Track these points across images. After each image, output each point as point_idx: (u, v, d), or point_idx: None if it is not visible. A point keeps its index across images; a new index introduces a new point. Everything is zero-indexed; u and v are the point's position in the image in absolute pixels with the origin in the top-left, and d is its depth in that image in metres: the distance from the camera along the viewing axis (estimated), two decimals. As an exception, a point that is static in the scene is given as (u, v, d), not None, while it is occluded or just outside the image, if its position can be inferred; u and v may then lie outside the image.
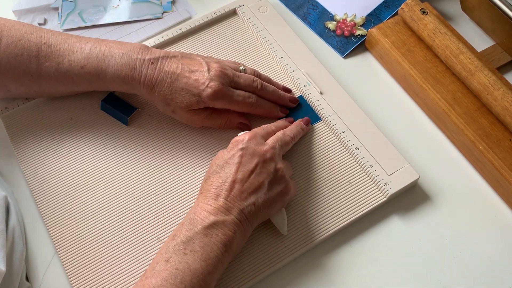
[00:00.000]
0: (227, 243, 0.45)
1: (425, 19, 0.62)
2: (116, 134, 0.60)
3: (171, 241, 0.45)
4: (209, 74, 0.54)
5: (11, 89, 0.58)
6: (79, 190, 0.56)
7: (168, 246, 0.45)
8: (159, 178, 0.57)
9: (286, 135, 0.54)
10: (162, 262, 0.44)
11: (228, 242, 0.45)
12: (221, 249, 0.45)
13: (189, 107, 0.55)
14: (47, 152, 0.59)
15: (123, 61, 0.55)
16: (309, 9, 0.71)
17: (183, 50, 0.66)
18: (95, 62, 0.55)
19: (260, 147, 0.50)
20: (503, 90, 0.56)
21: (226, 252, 0.45)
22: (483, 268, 0.52)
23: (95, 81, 0.56)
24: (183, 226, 0.46)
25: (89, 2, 0.72)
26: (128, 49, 0.55)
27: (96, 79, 0.56)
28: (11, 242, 0.51)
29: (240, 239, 0.47)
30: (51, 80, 0.56)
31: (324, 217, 0.54)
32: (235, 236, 0.46)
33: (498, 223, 0.55)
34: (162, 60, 0.55)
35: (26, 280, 0.52)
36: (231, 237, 0.46)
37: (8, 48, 0.55)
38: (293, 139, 0.55)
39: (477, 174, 0.58)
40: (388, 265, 0.52)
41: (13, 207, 0.54)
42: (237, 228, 0.46)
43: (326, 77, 0.63)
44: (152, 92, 0.55)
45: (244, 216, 0.47)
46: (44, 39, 0.56)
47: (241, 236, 0.47)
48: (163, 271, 0.43)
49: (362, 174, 0.56)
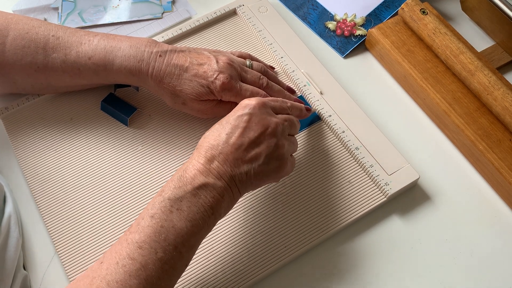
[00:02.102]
0: (215, 206, 0.45)
1: (425, 19, 0.62)
2: (116, 134, 0.60)
3: (159, 196, 0.44)
4: (218, 66, 0.54)
5: (18, 81, 0.58)
6: (79, 190, 0.56)
7: (154, 202, 0.44)
8: (159, 178, 0.57)
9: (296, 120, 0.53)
10: (147, 218, 0.43)
11: (215, 205, 0.45)
12: (208, 211, 0.44)
13: (199, 98, 0.55)
14: (47, 152, 0.59)
15: (130, 53, 0.55)
16: (309, 9, 0.71)
17: (183, 50, 0.66)
18: (103, 53, 0.55)
19: (268, 118, 0.48)
20: (503, 90, 0.56)
21: (212, 215, 0.45)
22: (483, 268, 0.52)
23: (101, 73, 0.56)
24: (171, 182, 0.45)
25: (89, 2, 0.72)
26: (136, 42, 0.55)
27: (103, 70, 0.56)
28: (7, 229, 0.51)
29: (228, 204, 0.46)
30: (58, 72, 0.56)
31: (324, 217, 0.54)
32: (223, 200, 0.45)
33: (498, 223, 0.55)
34: (170, 53, 0.55)
35: (23, 269, 0.52)
36: (219, 201, 0.45)
37: (15, 41, 0.55)
38: None
39: (477, 174, 0.58)
40: (388, 265, 0.52)
41: (9, 195, 0.55)
42: (226, 193, 0.45)
43: (326, 77, 0.63)
44: (160, 84, 0.55)
45: (234, 183, 0.46)
46: (52, 32, 0.56)
47: (229, 201, 0.46)
48: (147, 227, 0.42)
49: (362, 174, 0.56)
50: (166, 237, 0.42)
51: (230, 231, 0.53)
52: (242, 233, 0.53)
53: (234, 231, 0.53)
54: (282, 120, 0.49)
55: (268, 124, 0.48)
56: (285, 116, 0.50)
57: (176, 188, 0.44)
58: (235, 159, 0.46)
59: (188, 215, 0.43)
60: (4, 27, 0.55)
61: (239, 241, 0.53)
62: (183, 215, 0.43)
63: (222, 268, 0.51)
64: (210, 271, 0.51)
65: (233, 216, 0.54)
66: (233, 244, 0.53)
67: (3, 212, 0.52)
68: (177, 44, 0.67)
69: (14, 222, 0.53)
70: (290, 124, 0.51)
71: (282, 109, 0.51)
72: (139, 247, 0.41)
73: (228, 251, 0.52)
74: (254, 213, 0.54)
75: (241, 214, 0.54)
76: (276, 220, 0.54)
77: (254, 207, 0.55)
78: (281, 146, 0.48)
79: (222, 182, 0.45)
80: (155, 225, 0.42)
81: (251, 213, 0.54)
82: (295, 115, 0.54)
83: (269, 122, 0.48)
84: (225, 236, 0.53)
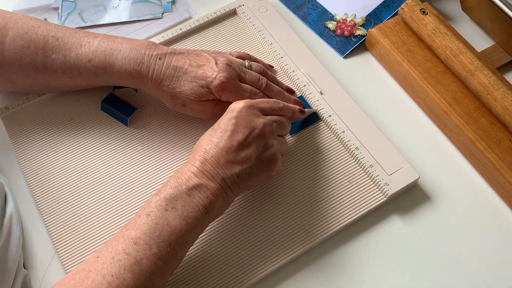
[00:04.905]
0: (208, 205, 0.46)
1: (425, 19, 0.62)
2: (116, 134, 0.60)
3: (155, 196, 0.46)
4: (217, 66, 0.55)
5: (16, 81, 0.58)
6: (79, 190, 0.56)
7: (151, 201, 0.46)
8: (159, 178, 0.57)
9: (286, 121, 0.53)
10: (143, 216, 0.45)
11: (209, 205, 0.46)
12: (201, 210, 0.46)
13: (199, 98, 0.55)
14: (47, 152, 0.59)
15: (131, 56, 0.55)
16: (309, 9, 0.71)
17: (183, 50, 0.66)
18: (103, 55, 0.55)
19: (255, 119, 0.49)
20: (503, 90, 0.56)
21: (206, 214, 0.46)
22: (483, 268, 0.52)
23: (101, 75, 0.56)
24: (168, 183, 0.47)
25: (89, 2, 0.72)
26: (136, 44, 0.56)
27: (103, 72, 0.56)
28: (9, 228, 0.51)
29: (222, 204, 0.48)
30: (57, 73, 0.56)
31: (324, 217, 0.54)
32: (216, 200, 0.47)
33: (498, 223, 0.55)
34: (170, 55, 0.55)
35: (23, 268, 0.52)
36: (212, 201, 0.46)
37: (14, 41, 0.55)
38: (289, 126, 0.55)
39: (477, 174, 0.58)
40: (388, 265, 0.52)
41: (10, 194, 0.55)
42: (219, 194, 0.47)
43: (326, 77, 0.63)
44: (160, 87, 0.55)
45: (226, 184, 0.47)
46: (51, 32, 0.56)
47: (223, 201, 0.48)
48: (143, 224, 0.44)
49: (362, 174, 0.56)
50: (161, 234, 0.44)
51: (230, 231, 0.53)
52: (242, 233, 0.53)
53: (234, 230, 0.53)
54: (270, 121, 0.50)
55: (255, 125, 0.49)
56: (274, 117, 0.51)
57: (172, 188, 0.46)
58: (226, 161, 0.47)
59: (183, 214, 0.45)
60: (2, 26, 0.55)
61: (239, 240, 0.53)
62: (177, 214, 0.45)
63: (222, 267, 0.51)
64: (210, 270, 0.51)
65: (233, 216, 0.54)
66: (233, 243, 0.53)
67: (5, 211, 0.52)
68: (177, 44, 0.67)
69: (16, 221, 0.53)
70: (279, 125, 0.52)
71: (272, 110, 0.52)
72: (135, 243, 0.43)
73: (228, 251, 0.52)
74: (254, 213, 0.54)
75: (241, 214, 0.54)
76: (275, 220, 0.54)
77: (254, 207, 0.55)
78: (270, 146, 0.49)
79: (215, 183, 0.47)
80: (151, 222, 0.44)
81: (250, 213, 0.54)
82: (288, 116, 0.54)
83: (256, 123, 0.49)
84: (225, 236, 0.53)
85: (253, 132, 0.48)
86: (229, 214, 0.54)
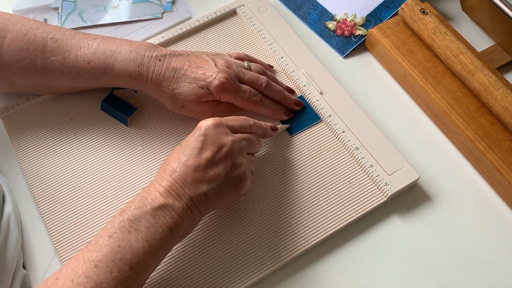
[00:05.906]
0: (173, 227, 0.45)
1: (425, 19, 0.62)
2: (116, 134, 0.60)
3: (118, 216, 0.45)
4: (217, 67, 0.54)
5: (16, 83, 0.58)
6: (79, 190, 0.56)
7: (114, 222, 0.44)
8: (159, 178, 0.57)
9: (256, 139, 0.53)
10: (106, 237, 0.43)
11: (174, 226, 0.45)
12: (166, 232, 0.44)
13: (198, 99, 0.55)
14: (47, 152, 0.59)
15: (130, 57, 0.55)
16: (309, 9, 0.71)
17: (183, 50, 0.66)
18: (102, 57, 0.55)
19: (223, 137, 0.48)
20: (503, 90, 0.56)
21: (171, 236, 0.45)
22: (483, 268, 0.52)
23: (101, 77, 0.56)
24: (132, 202, 0.46)
25: (89, 2, 0.72)
26: (135, 46, 0.56)
27: (103, 74, 0.56)
28: (7, 229, 0.51)
29: (188, 224, 0.47)
30: (56, 75, 0.56)
31: (324, 217, 0.54)
32: (182, 221, 0.45)
33: (498, 223, 0.55)
34: (169, 57, 0.55)
35: (23, 268, 0.52)
36: (178, 222, 0.45)
37: (13, 43, 0.55)
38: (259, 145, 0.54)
39: (477, 174, 0.58)
40: (388, 265, 0.52)
41: (8, 195, 0.55)
42: (185, 214, 0.46)
43: (326, 77, 0.63)
44: (160, 88, 0.55)
45: (193, 203, 0.46)
46: (50, 34, 0.56)
47: (189, 222, 0.47)
48: (105, 246, 0.43)
49: (362, 174, 0.56)
50: (123, 257, 0.42)
51: (229, 231, 0.53)
52: (241, 233, 0.53)
53: (234, 230, 0.53)
54: (239, 139, 0.49)
55: (223, 143, 0.48)
56: (243, 135, 0.50)
57: (136, 208, 0.45)
58: (193, 180, 0.46)
59: (146, 236, 0.44)
60: (1, 28, 0.55)
61: (238, 240, 0.53)
62: (140, 236, 0.44)
63: (221, 268, 0.51)
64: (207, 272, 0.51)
65: (233, 215, 0.54)
66: (233, 243, 0.53)
67: (2, 211, 0.52)
68: (177, 44, 0.67)
69: (14, 222, 0.53)
70: (248, 143, 0.51)
71: (242, 128, 0.51)
72: (95, 266, 0.42)
73: (228, 250, 0.52)
74: (253, 213, 0.54)
75: (240, 214, 0.54)
76: (275, 220, 0.54)
77: (254, 207, 0.55)
78: (239, 165, 0.48)
79: (181, 203, 0.46)
80: (113, 244, 0.43)
81: (250, 213, 0.54)
82: (259, 134, 0.54)
83: (224, 141, 0.48)
84: (224, 235, 0.53)
85: (221, 150, 0.47)
86: (229, 214, 0.54)
